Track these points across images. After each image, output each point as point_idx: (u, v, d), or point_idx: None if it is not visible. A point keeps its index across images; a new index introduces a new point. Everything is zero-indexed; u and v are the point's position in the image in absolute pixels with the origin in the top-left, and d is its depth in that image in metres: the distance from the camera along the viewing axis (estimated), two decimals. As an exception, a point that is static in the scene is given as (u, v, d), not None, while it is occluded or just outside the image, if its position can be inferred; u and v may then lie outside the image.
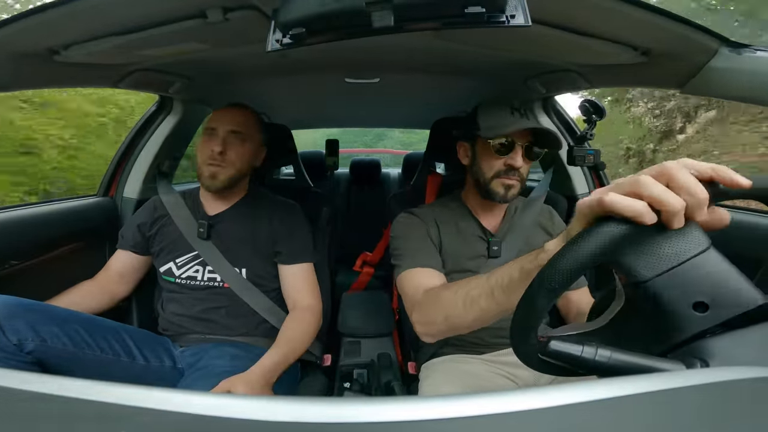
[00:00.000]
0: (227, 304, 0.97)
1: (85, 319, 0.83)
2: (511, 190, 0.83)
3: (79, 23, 0.66)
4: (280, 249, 1.02)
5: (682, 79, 0.76)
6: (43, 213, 1.05)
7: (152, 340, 0.92)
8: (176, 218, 1.02)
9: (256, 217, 1.03)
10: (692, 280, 0.33)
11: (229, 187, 0.99)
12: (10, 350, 0.71)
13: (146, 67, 0.96)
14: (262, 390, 0.77)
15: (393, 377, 1.10)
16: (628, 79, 0.95)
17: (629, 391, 0.25)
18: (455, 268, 0.86)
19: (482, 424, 0.23)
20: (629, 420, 0.25)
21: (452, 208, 0.92)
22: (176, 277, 0.99)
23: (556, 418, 0.24)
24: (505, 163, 0.82)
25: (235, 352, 0.90)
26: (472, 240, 0.89)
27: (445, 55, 1.01)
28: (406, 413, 0.23)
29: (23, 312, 0.74)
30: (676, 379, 0.28)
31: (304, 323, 0.95)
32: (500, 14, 0.50)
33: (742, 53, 0.66)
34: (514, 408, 0.24)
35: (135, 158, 1.30)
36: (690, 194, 0.32)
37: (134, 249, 1.03)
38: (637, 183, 0.33)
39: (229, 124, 0.97)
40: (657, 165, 0.35)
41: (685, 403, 0.27)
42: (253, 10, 0.65)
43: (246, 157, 0.99)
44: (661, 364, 0.34)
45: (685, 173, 0.33)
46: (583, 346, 0.35)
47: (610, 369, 0.34)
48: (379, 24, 0.51)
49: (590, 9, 0.64)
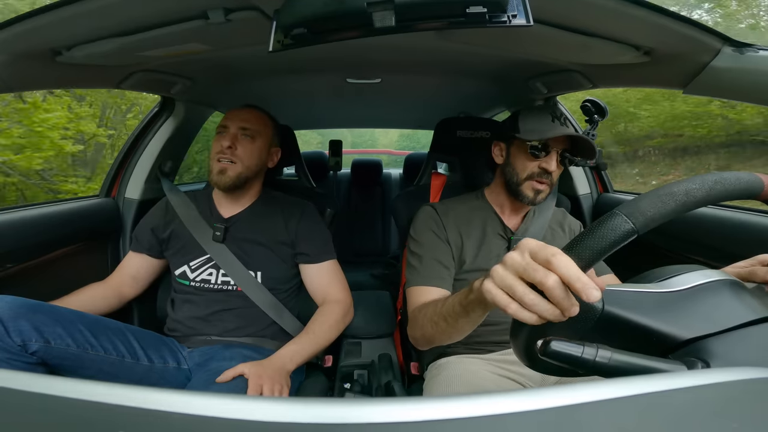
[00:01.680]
0: (240, 305, 0.97)
1: (90, 320, 0.83)
2: (540, 195, 0.85)
3: (82, 24, 0.66)
4: (302, 250, 1.02)
5: (684, 78, 0.76)
6: (46, 213, 1.05)
7: (157, 340, 0.92)
8: (186, 221, 1.01)
9: (271, 219, 1.02)
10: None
11: (238, 185, 0.98)
12: (14, 351, 0.71)
13: (148, 68, 0.96)
14: (275, 375, 0.78)
15: (393, 378, 1.09)
16: (631, 79, 0.94)
17: (631, 391, 0.25)
18: (472, 267, 0.88)
19: (479, 424, 0.23)
20: (631, 421, 0.25)
21: (476, 207, 0.94)
22: (191, 280, 0.99)
23: (557, 418, 0.24)
24: (539, 166, 0.84)
25: (248, 353, 0.90)
26: (492, 238, 0.91)
27: (447, 55, 1.01)
28: (403, 414, 0.23)
29: (28, 313, 0.74)
30: (678, 379, 0.28)
31: (330, 316, 0.95)
32: (502, 14, 0.50)
33: (744, 52, 0.66)
34: (513, 409, 0.24)
35: (137, 159, 1.30)
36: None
37: (150, 252, 1.03)
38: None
39: (240, 122, 0.98)
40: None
41: (686, 404, 0.27)
42: (255, 10, 0.65)
43: (255, 154, 0.99)
44: (662, 364, 0.34)
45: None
46: (584, 346, 0.35)
47: (611, 370, 0.34)
48: (380, 24, 0.51)
49: (592, 8, 0.64)
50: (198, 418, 0.23)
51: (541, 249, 0.36)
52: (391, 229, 2.46)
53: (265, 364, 0.79)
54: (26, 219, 0.99)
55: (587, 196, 1.43)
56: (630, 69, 0.85)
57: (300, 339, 0.89)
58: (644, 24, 0.65)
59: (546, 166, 0.83)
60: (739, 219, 0.92)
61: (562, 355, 0.35)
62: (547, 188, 0.85)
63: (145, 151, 1.30)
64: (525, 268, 0.37)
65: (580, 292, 0.33)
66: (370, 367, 1.18)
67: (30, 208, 1.04)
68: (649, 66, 0.80)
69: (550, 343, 0.36)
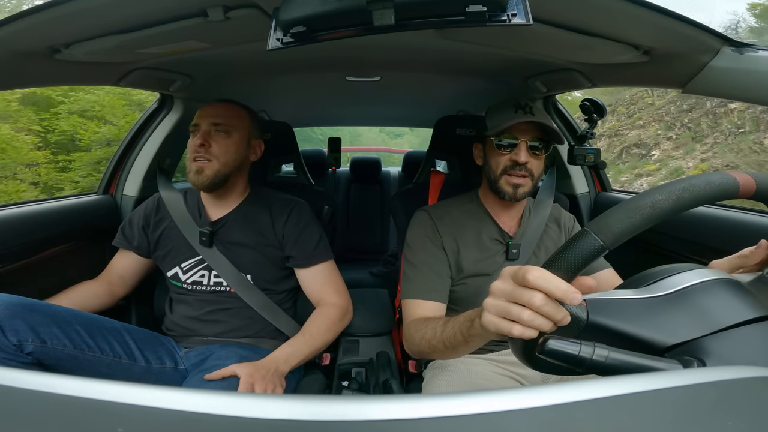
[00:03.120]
0: (234, 306, 0.96)
1: (87, 319, 0.82)
2: (520, 189, 0.83)
3: (81, 21, 0.66)
4: (291, 254, 0.98)
5: (683, 78, 0.76)
6: (44, 210, 1.05)
7: (154, 340, 0.92)
8: (177, 220, 0.99)
9: (259, 221, 0.99)
10: None
11: (218, 183, 0.94)
12: (9, 351, 0.71)
13: (147, 66, 0.96)
14: (267, 375, 0.77)
15: (391, 375, 1.10)
16: (630, 78, 0.94)
17: (627, 390, 0.26)
18: (470, 272, 0.87)
19: (476, 422, 0.24)
20: (627, 419, 0.25)
21: (469, 210, 0.92)
22: (183, 282, 0.98)
23: (553, 417, 0.24)
24: (510, 159, 0.83)
25: (244, 353, 0.89)
26: (489, 244, 0.90)
27: (446, 53, 1.01)
28: (401, 411, 0.24)
29: (24, 312, 0.74)
30: (673, 378, 0.28)
31: (326, 319, 0.93)
32: (501, 13, 0.50)
33: (744, 52, 0.66)
34: (510, 407, 0.24)
35: (135, 156, 1.30)
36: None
37: (138, 251, 1.02)
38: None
39: (211, 118, 0.94)
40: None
41: (682, 403, 0.27)
42: (254, 8, 0.64)
43: (232, 149, 0.95)
44: (658, 363, 0.34)
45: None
46: (581, 345, 0.35)
47: (608, 368, 0.35)
48: (380, 23, 0.51)
49: (592, 8, 0.63)
50: (195, 415, 0.23)
51: (517, 271, 0.40)
52: (389, 227, 2.46)
53: (258, 364, 0.78)
54: (23, 216, 0.99)
55: (585, 195, 1.43)
56: (629, 68, 0.85)
57: (295, 341, 0.88)
58: (644, 23, 0.65)
59: (516, 158, 0.82)
60: (739, 219, 0.92)
61: (559, 354, 0.36)
62: (526, 181, 0.83)
63: (144, 148, 1.30)
64: (511, 293, 0.40)
65: (563, 300, 0.37)
66: (368, 364, 1.19)
67: (27, 205, 1.03)
68: (648, 65, 0.80)
69: (547, 342, 0.36)
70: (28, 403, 0.26)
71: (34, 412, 0.25)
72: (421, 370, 0.99)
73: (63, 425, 0.24)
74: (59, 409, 0.25)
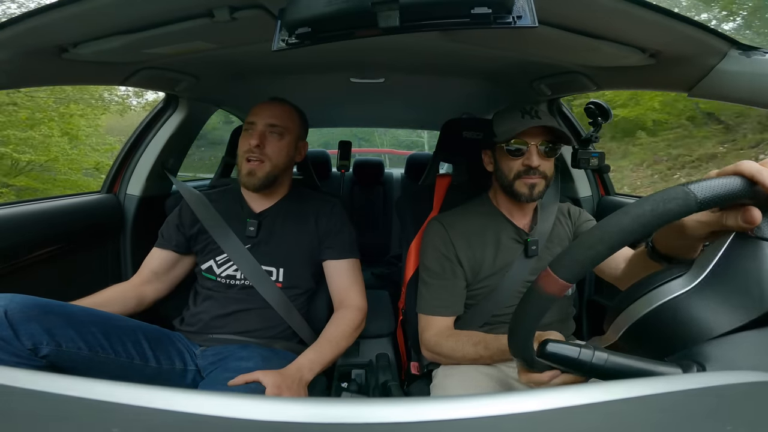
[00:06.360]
0: (257, 306, 0.96)
1: (103, 319, 0.81)
2: (536, 188, 0.85)
3: (88, 21, 0.66)
4: (329, 245, 1.01)
5: (690, 81, 0.76)
6: (48, 209, 1.06)
7: (166, 339, 0.90)
8: (204, 219, 0.99)
9: (300, 215, 1.02)
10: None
11: (267, 184, 0.97)
12: (24, 355, 0.69)
13: (153, 66, 0.97)
14: (294, 385, 0.76)
15: (391, 378, 1.10)
16: (636, 81, 0.94)
17: (627, 394, 0.25)
18: (488, 273, 0.89)
19: (476, 426, 0.23)
20: (627, 423, 0.25)
21: (483, 214, 0.94)
22: (217, 276, 0.98)
23: (551, 421, 0.24)
24: (523, 164, 0.85)
25: (266, 353, 0.89)
26: (508, 243, 0.92)
27: (451, 56, 1.01)
28: (399, 415, 0.23)
29: (40, 315, 0.72)
30: (673, 382, 0.27)
31: (347, 323, 0.93)
32: (507, 15, 0.50)
33: (751, 56, 0.65)
34: (510, 411, 0.24)
35: (139, 156, 1.30)
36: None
37: (176, 249, 1.02)
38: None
39: (268, 118, 0.96)
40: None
41: (681, 407, 0.27)
42: (260, 9, 0.65)
43: (284, 152, 0.98)
44: (658, 367, 0.34)
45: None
46: (581, 348, 0.35)
47: (608, 372, 0.34)
48: (385, 24, 0.51)
49: (598, 10, 0.63)
50: (192, 416, 0.23)
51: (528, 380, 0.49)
52: (392, 229, 2.46)
53: (284, 374, 0.77)
54: (27, 214, 1.00)
55: (588, 199, 1.42)
56: (635, 71, 0.84)
57: (320, 346, 0.87)
58: (651, 26, 0.64)
59: (528, 162, 0.84)
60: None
61: (558, 357, 0.35)
62: (540, 181, 0.85)
63: (148, 147, 1.31)
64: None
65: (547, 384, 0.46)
66: (368, 366, 1.19)
67: (31, 203, 1.04)
68: (655, 68, 0.80)
69: (547, 345, 0.36)
70: (25, 403, 0.25)
71: (31, 411, 0.25)
72: (423, 371, 0.99)
73: (58, 425, 0.24)
74: (54, 408, 0.25)
